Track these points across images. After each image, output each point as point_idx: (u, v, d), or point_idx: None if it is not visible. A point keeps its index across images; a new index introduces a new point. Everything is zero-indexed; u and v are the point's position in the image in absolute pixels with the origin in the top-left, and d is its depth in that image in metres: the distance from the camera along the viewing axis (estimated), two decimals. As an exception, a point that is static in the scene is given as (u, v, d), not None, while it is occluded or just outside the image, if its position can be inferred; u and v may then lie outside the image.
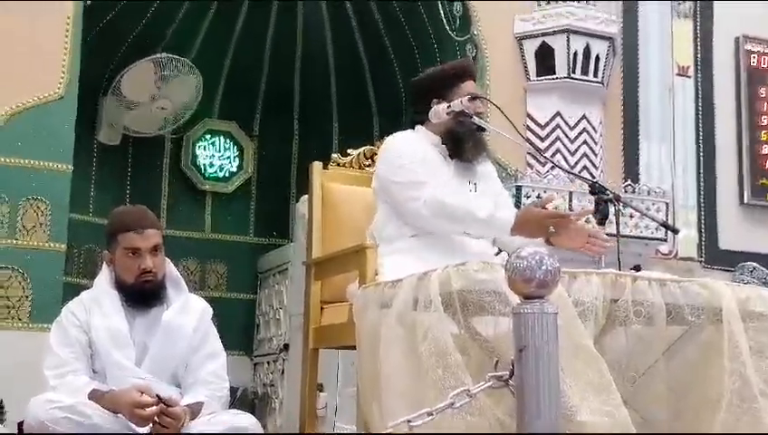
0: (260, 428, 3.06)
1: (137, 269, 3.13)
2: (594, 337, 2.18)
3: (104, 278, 3.24)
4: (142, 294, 3.16)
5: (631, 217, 6.24)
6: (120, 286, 3.18)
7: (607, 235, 3.20)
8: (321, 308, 3.59)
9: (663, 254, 7.02)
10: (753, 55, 7.72)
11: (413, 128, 3.36)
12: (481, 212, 3.01)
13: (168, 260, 3.28)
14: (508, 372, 1.70)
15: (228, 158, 8.10)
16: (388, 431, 1.58)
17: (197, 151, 8.02)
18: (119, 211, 3.37)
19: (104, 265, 3.28)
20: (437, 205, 3.04)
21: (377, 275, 3.07)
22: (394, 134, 3.37)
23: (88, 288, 3.30)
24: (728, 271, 7.01)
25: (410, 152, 3.20)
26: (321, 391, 5.26)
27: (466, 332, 2.22)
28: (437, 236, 3.10)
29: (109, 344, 3.08)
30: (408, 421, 1.65)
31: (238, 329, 7.55)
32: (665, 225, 3.87)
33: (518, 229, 2.99)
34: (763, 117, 7.68)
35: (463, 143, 3.23)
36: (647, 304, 2.24)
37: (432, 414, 1.66)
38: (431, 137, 3.27)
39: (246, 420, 3.09)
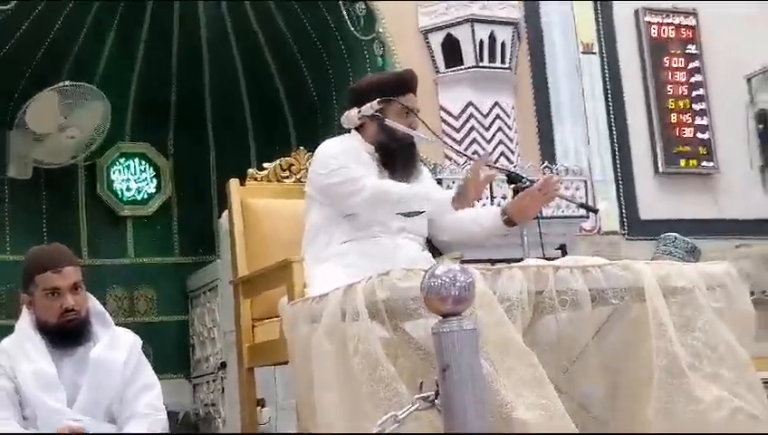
0: None
1: (58, 309, 3.06)
2: (523, 330, 2.20)
3: (25, 322, 3.16)
4: (67, 334, 3.08)
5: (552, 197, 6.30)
6: (43, 328, 3.10)
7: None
8: (253, 326, 3.56)
9: (587, 230, 7.13)
10: (653, 26, 7.89)
11: (348, 132, 3.34)
12: (419, 190, 3.06)
13: (90, 296, 3.21)
14: (433, 393, 1.70)
15: (145, 180, 7.97)
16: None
17: (113, 176, 7.87)
18: (33, 252, 3.27)
19: (24, 309, 3.19)
20: (377, 189, 3.03)
21: (306, 287, 3.05)
22: (329, 140, 3.34)
23: (13, 328, 3.21)
24: (652, 240, 7.16)
25: (343, 153, 3.17)
26: (262, 406, 5.22)
27: (397, 337, 2.22)
28: (369, 243, 3.09)
29: (37, 390, 3.00)
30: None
31: (174, 351, 7.45)
32: (583, 205, 3.97)
33: (458, 198, 2.99)
34: (669, 86, 7.85)
35: (394, 158, 3.20)
36: (571, 293, 2.27)
37: (362, 443, 1.64)
38: (365, 145, 3.23)
39: None
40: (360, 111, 3.19)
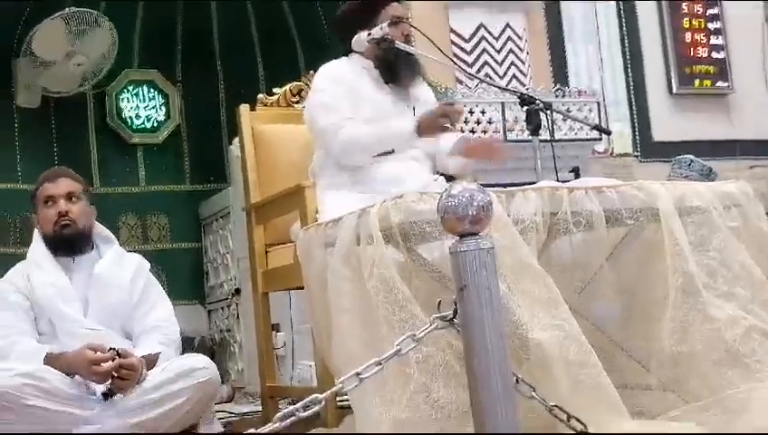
0: (214, 367, 3.04)
1: (54, 216, 3.16)
2: (538, 252, 2.19)
3: (37, 240, 3.25)
4: (63, 241, 3.17)
5: (565, 120, 6.27)
6: (46, 240, 3.19)
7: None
8: (267, 252, 3.58)
9: (599, 153, 7.08)
10: (668, -56, 7.71)
11: (347, 55, 3.34)
12: (383, 131, 3.12)
13: (96, 220, 3.28)
14: (452, 312, 1.70)
15: (154, 107, 7.90)
16: (337, 387, 1.56)
17: (122, 105, 7.80)
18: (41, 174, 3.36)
19: (35, 231, 3.30)
20: (347, 141, 3.11)
21: (317, 213, 3.06)
22: (326, 64, 3.35)
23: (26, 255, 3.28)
24: (665, 162, 7.11)
25: (337, 83, 3.19)
26: (277, 331, 5.27)
27: (412, 260, 2.22)
28: (380, 167, 3.10)
29: (56, 299, 3.08)
30: (358, 374, 1.63)
31: (188, 278, 7.48)
32: (597, 127, 3.95)
33: (421, 130, 3.11)
34: (683, 5, 7.70)
35: (395, 68, 3.24)
36: (585, 214, 2.26)
37: (380, 364, 1.65)
38: (365, 62, 3.26)
39: (202, 360, 3.05)
40: (370, 34, 3.22)
